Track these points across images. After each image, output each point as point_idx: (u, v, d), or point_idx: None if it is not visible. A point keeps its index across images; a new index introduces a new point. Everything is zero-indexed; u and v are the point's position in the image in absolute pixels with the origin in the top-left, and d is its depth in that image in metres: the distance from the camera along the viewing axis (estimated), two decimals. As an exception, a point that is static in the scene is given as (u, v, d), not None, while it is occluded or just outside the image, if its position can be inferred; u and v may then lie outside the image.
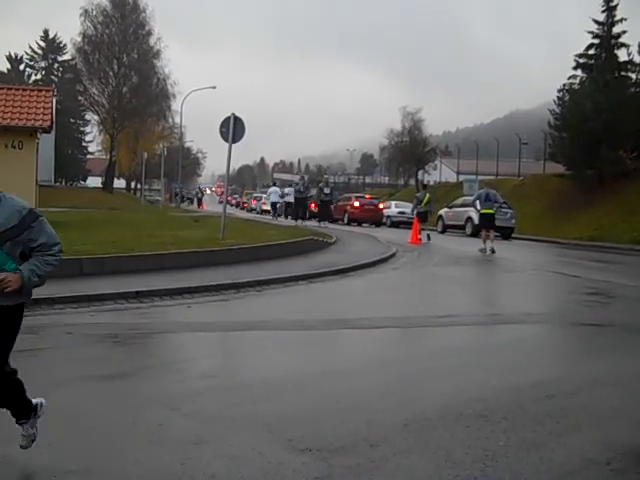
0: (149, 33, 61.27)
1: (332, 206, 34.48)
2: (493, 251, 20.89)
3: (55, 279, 10.83)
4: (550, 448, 4.59)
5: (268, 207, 42.88)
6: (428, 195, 27.25)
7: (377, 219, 37.86)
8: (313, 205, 39.01)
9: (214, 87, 61.96)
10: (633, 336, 9.22)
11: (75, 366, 6.62)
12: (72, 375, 6.25)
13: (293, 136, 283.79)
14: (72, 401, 5.42)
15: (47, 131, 22.32)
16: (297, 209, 32.72)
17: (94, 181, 79.77)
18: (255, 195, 69.64)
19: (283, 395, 5.74)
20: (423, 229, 25.81)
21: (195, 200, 68.94)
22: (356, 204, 37.46)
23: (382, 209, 39.08)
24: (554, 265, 18.85)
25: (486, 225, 22.68)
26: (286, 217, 39.00)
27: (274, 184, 47.41)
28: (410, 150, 56.71)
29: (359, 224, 35.69)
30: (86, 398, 5.54)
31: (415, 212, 26.44)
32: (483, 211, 22.77)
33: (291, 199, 43.78)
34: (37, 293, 9.47)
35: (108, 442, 4.56)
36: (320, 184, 33.95)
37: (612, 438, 4.84)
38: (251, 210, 61.04)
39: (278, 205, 40.43)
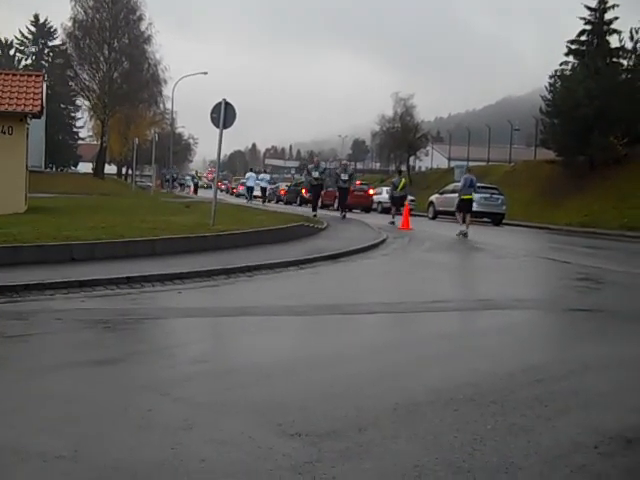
0: (140, 18, 60.94)
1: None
2: (464, 234, 21.91)
3: (45, 265, 10.89)
4: (538, 432, 4.62)
5: (258, 192, 44.30)
6: (404, 180, 29.36)
7: (367, 205, 38.00)
8: (304, 191, 39.20)
9: (205, 73, 61.87)
10: (622, 321, 9.28)
11: (65, 352, 6.62)
12: (62, 361, 6.24)
13: (285, 122, 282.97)
14: (62, 387, 5.42)
15: (37, 116, 22.18)
16: (315, 198, 28.43)
17: (85, 167, 79.54)
18: (242, 181, 69.81)
19: (273, 380, 5.75)
20: (399, 214, 27.11)
21: (192, 185, 68.77)
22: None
23: (372, 195, 39.25)
24: (545, 251, 18.91)
25: (466, 209, 23.48)
26: (300, 205, 39.90)
27: (251, 170, 50.67)
28: (402, 136, 56.65)
29: (349, 210, 35.73)
30: (76, 384, 5.54)
31: (391, 196, 29.17)
32: (464, 197, 23.42)
33: (265, 185, 45.09)
34: (27, 279, 9.52)
35: (98, 427, 4.55)
36: (337, 169, 29.53)
37: (600, 422, 4.87)
38: (239, 195, 60.99)
39: (268, 192, 45.40)
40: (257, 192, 44.62)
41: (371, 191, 39.55)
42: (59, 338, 7.15)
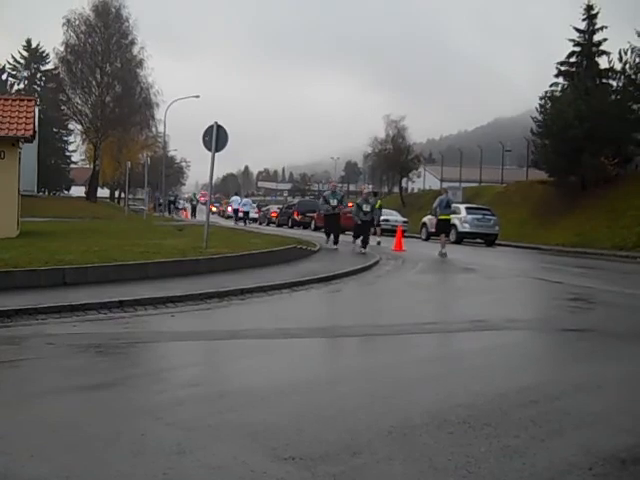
0: (132, 42, 61.14)
1: (373, 228, 26.00)
2: (445, 255, 22.17)
3: (38, 289, 10.86)
4: (532, 453, 4.61)
5: (254, 215, 47.91)
6: (379, 202, 30.31)
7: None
8: (296, 214, 39.46)
9: (197, 96, 62.01)
10: (614, 341, 9.28)
11: (57, 376, 6.58)
12: (54, 386, 6.21)
13: (278, 144, 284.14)
14: (54, 412, 5.39)
15: (29, 141, 22.21)
16: (331, 228, 23.79)
17: (77, 190, 79.44)
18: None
19: (267, 403, 5.73)
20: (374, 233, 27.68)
21: (189, 208, 68.59)
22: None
23: None
24: (537, 271, 18.95)
25: (443, 230, 23.57)
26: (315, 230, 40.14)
27: (236, 194, 54.63)
28: (394, 158, 56.86)
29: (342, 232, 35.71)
30: (68, 409, 5.51)
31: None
32: (442, 217, 23.71)
33: (249, 209, 47.07)
34: (19, 303, 9.48)
35: (90, 453, 4.53)
36: (359, 200, 24.48)
37: (594, 443, 4.86)
38: (229, 217, 61.25)
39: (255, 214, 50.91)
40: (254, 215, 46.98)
41: None
42: (51, 363, 7.11)
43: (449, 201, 24.28)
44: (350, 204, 33.69)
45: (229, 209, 58.45)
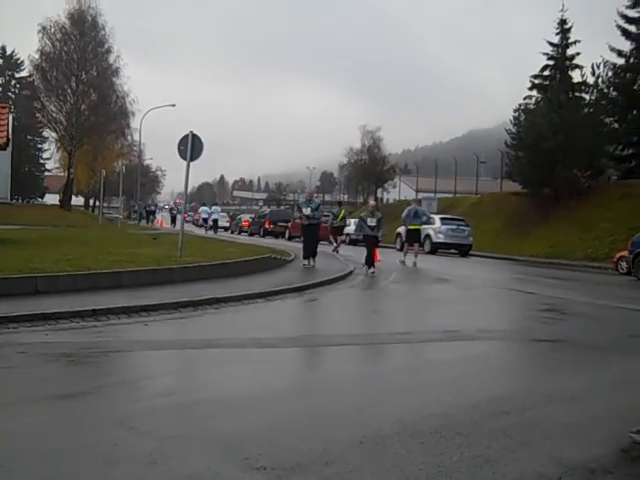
0: (108, 51, 60.83)
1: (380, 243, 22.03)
2: (415, 264, 22.66)
3: (9, 297, 10.75)
4: (503, 463, 4.65)
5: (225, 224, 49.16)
6: (343, 211, 31.27)
7: (327, 236, 38.06)
8: (268, 223, 39.79)
9: (173, 105, 61.94)
10: (586, 352, 9.38)
11: (28, 386, 6.51)
12: (24, 395, 6.14)
13: (253, 154, 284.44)
14: (24, 422, 5.33)
15: (3, 148, 22.03)
16: (307, 240, 20.75)
17: (52, 198, 78.88)
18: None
19: (240, 413, 5.72)
20: (343, 241, 30.33)
21: (168, 217, 67.99)
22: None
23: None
24: (511, 282, 19.09)
25: (412, 240, 23.84)
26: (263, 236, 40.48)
27: (204, 204, 58.21)
28: (369, 168, 57.21)
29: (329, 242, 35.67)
30: (39, 419, 5.46)
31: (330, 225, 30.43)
32: (411, 227, 24.12)
33: (217, 217, 47.80)
34: (-10, 312, 9.33)
35: (61, 464, 4.49)
36: (363, 213, 22.15)
37: (564, 453, 4.91)
38: (201, 226, 61.33)
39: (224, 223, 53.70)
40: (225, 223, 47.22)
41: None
42: (22, 372, 7.04)
43: (417, 211, 24.62)
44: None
45: (199, 218, 59.66)
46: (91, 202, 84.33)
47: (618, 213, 32.04)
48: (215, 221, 47.94)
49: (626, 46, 40.37)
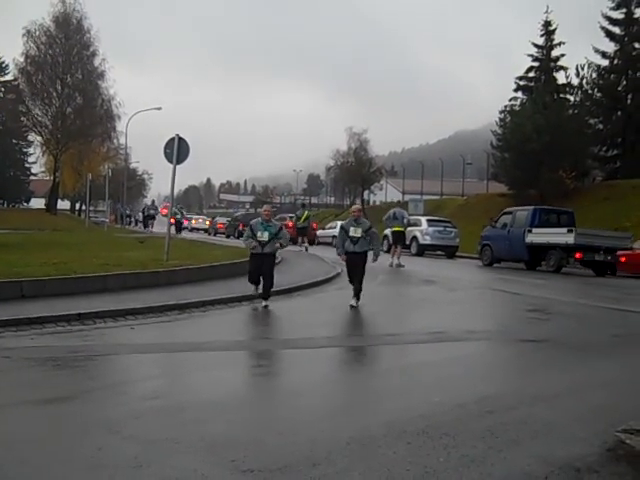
0: (94, 54, 60.53)
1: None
2: (400, 265, 22.66)
3: (-7, 302, 10.67)
4: (490, 463, 4.66)
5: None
6: (307, 212, 32.30)
7: (311, 238, 38.13)
8: (241, 225, 40.90)
9: (159, 108, 61.80)
10: (570, 351, 9.43)
11: (12, 391, 6.47)
12: (9, 400, 6.09)
13: (240, 157, 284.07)
14: (8, 426, 5.31)
15: (-13, 152, 21.93)
16: (255, 273, 13.36)
17: (37, 202, 78.39)
18: (188, 215, 70.97)
19: (227, 416, 5.71)
20: (303, 243, 30.30)
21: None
22: (290, 224, 37.74)
23: (316, 229, 41.22)
24: (496, 283, 19.14)
25: (395, 241, 24.46)
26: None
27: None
28: (356, 170, 57.17)
29: (294, 243, 35.40)
30: (23, 423, 5.43)
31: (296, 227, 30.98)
32: (394, 228, 24.38)
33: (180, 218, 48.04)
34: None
35: (45, 468, 4.47)
36: (345, 222, 14.80)
37: (550, 452, 4.93)
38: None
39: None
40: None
41: (315, 225, 40.66)
42: (6, 376, 7.01)
43: (395, 213, 25.05)
44: (290, 224, 32.33)
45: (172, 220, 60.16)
46: (77, 206, 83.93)
47: (602, 214, 32.24)
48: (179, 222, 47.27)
49: (610, 47, 40.71)
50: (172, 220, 7.24)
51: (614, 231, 27.30)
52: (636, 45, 40.23)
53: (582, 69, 39.40)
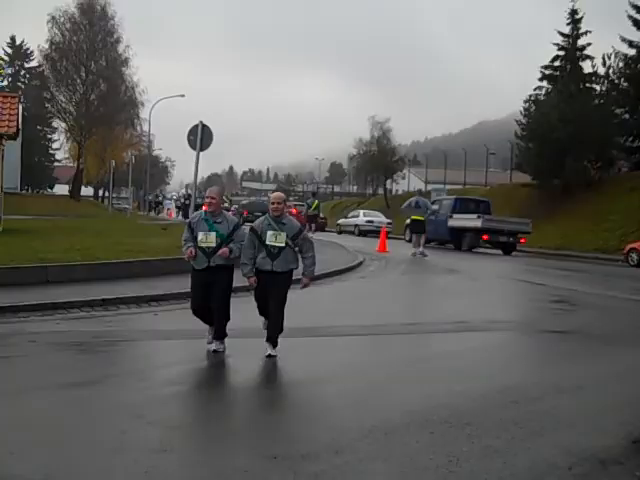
0: (117, 40, 60.72)
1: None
2: (424, 255, 22.58)
3: (20, 287, 10.79)
4: (513, 453, 4.64)
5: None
6: (317, 202, 33.97)
7: (319, 227, 37.95)
8: (245, 212, 41.83)
9: (183, 95, 61.76)
10: (595, 343, 9.35)
11: (38, 374, 6.54)
12: (35, 383, 6.16)
13: (262, 145, 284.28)
14: (34, 410, 5.36)
15: (13, 138, 22.05)
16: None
17: (61, 189, 78.94)
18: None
19: (250, 403, 5.73)
20: (316, 230, 30.78)
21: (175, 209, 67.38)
22: (294, 211, 37.83)
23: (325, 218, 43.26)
24: (520, 273, 19.01)
25: (416, 230, 24.25)
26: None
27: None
28: (378, 159, 56.89)
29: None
30: (49, 406, 5.48)
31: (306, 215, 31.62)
32: (414, 217, 24.12)
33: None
34: (1, 301, 9.39)
35: (71, 451, 4.51)
36: (256, 222, 8.13)
37: (574, 443, 4.90)
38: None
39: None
40: None
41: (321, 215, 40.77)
42: (32, 361, 7.08)
43: (418, 202, 24.62)
44: (294, 210, 32.31)
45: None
46: (100, 192, 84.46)
47: (628, 205, 31.87)
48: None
49: (637, 36, 40.07)
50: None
51: (517, 218, 30.93)
52: (664, 34, 39.66)
53: (608, 58, 38.84)
